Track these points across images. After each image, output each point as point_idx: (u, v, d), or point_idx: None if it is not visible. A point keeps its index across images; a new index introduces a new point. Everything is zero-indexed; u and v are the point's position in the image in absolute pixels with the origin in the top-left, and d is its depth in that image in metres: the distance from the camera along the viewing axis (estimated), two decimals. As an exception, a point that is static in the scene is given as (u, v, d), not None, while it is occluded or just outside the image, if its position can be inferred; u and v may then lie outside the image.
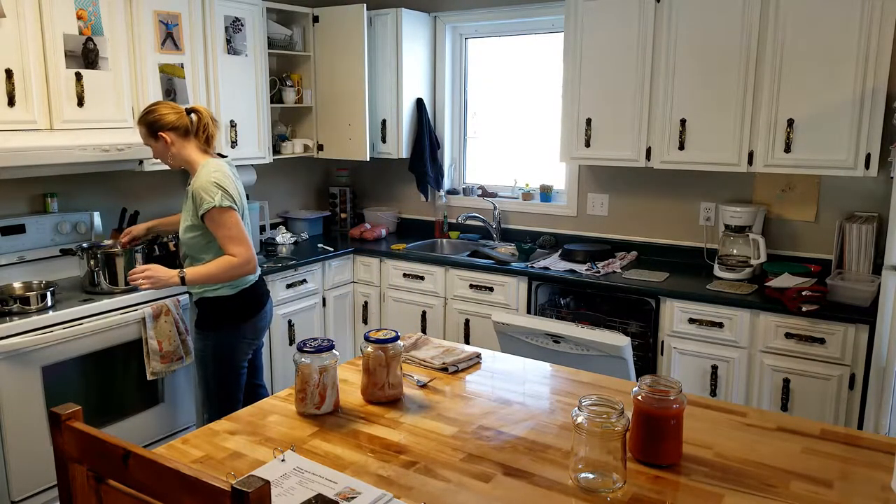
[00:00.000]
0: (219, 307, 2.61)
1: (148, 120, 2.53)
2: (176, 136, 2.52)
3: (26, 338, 2.56)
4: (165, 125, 2.51)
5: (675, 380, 1.51)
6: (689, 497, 1.39)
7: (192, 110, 2.57)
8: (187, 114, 2.56)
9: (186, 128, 2.54)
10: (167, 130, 2.51)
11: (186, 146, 2.55)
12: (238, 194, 2.54)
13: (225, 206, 2.43)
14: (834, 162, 2.92)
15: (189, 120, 2.55)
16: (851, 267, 3.03)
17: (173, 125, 2.51)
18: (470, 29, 4.23)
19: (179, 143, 2.54)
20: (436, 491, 1.41)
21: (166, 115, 2.51)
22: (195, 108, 2.58)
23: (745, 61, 3.03)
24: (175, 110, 2.54)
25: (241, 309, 2.64)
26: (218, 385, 2.67)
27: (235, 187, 2.53)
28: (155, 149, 2.57)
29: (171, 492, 1.07)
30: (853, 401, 2.76)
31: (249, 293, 2.64)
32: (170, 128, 2.51)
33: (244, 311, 2.64)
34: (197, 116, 2.56)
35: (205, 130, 2.57)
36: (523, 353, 2.63)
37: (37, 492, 2.65)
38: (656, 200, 3.69)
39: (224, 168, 2.55)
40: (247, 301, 2.64)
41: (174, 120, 2.51)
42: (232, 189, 2.49)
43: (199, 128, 2.56)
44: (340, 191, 4.56)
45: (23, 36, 2.69)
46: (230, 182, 2.50)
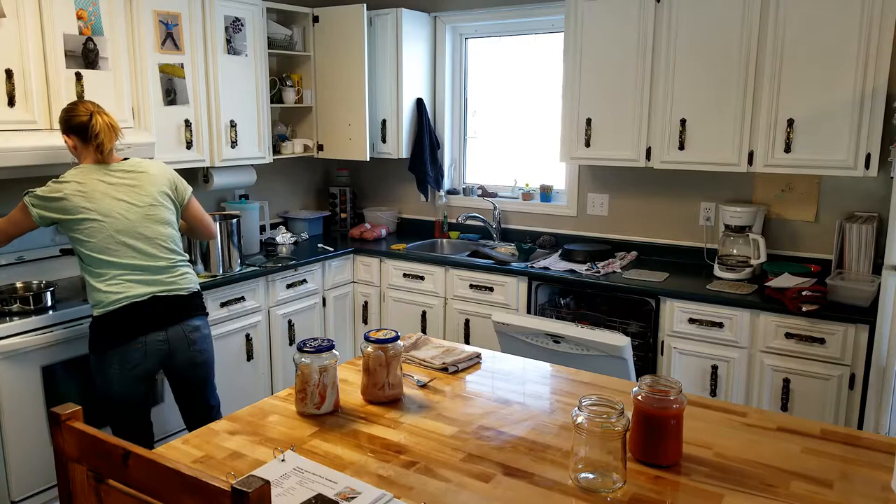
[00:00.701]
0: (90, 328, 2.44)
1: (60, 118, 2.47)
2: (78, 139, 2.43)
3: (26, 338, 2.56)
4: (69, 128, 2.43)
5: (675, 380, 1.51)
6: (689, 497, 1.39)
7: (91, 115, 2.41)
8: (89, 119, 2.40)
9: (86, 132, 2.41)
10: (70, 133, 2.43)
11: (84, 152, 2.44)
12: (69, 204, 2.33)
13: (24, 199, 2.37)
14: (834, 162, 2.92)
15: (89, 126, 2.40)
16: (851, 267, 3.03)
17: (75, 128, 2.41)
18: (470, 29, 4.23)
19: (80, 147, 2.44)
20: (436, 491, 1.41)
21: (74, 116, 2.41)
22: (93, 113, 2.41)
23: (745, 61, 3.03)
24: (86, 112, 2.41)
25: (103, 333, 2.38)
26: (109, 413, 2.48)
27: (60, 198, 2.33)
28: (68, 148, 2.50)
29: (171, 492, 1.07)
30: (853, 401, 2.76)
31: (114, 316, 2.36)
32: (72, 130, 2.42)
33: (103, 340, 2.39)
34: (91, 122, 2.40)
35: (96, 137, 2.40)
36: (523, 353, 2.63)
37: (37, 492, 2.65)
38: (656, 200, 3.69)
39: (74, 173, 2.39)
40: (109, 325, 2.37)
41: (77, 123, 2.41)
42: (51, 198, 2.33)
43: (90, 135, 2.40)
44: (340, 191, 4.56)
45: (23, 36, 2.69)
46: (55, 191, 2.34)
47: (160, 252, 2.46)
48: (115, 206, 2.39)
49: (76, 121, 2.41)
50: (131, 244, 2.40)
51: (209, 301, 3.22)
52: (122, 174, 2.45)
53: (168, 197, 2.54)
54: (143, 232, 2.43)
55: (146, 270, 2.42)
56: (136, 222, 2.42)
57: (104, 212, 2.37)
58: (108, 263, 2.37)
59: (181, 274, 2.52)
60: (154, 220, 2.47)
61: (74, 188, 2.36)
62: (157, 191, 2.50)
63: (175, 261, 2.51)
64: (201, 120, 3.45)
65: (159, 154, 3.19)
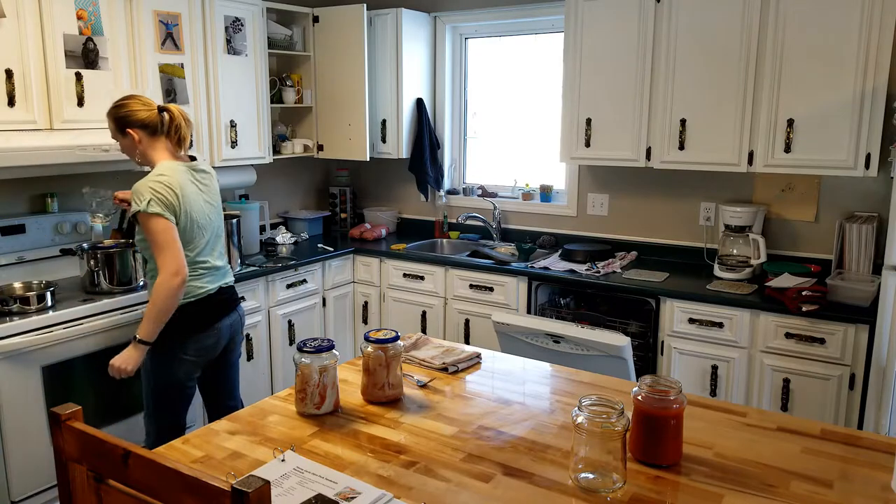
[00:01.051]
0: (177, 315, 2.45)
1: (118, 115, 2.39)
2: (145, 134, 2.39)
3: (26, 338, 2.56)
4: (134, 122, 2.37)
5: (675, 380, 1.51)
6: (689, 497, 1.39)
7: (164, 109, 2.42)
8: (159, 112, 2.41)
9: (156, 126, 2.39)
10: (136, 128, 2.37)
11: (154, 145, 2.41)
12: (181, 201, 2.34)
13: (151, 212, 2.26)
14: (834, 162, 2.92)
15: (160, 118, 2.40)
16: (851, 267, 3.03)
17: (143, 122, 2.37)
18: (470, 29, 4.23)
19: (147, 141, 2.40)
20: (436, 491, 1.41)
21: (137, 111, 2.38)
22: (168, 107, 2.43)
23: (745, 61, 3.03)
24: (147, 107, 2.40)
25: (183, 324, 2.42)
26: (156, 403, 2.51)
27: (178, 194, 2.33)
28: (122, 145, 2.44)
29: (171, 492, 1.07)
30: (853, 401, 2.76)
31: (194, 307, 2.44)
32: (139, 125, 2.37)
33: (186, 327, 2.43)
34: (169, 115, 2.41)
35: (177, 131, 2.43)
36: (523, 353, 2.63)
37: (37, 492, 2.65)
38: (656, 200, 3.69)
39: (174, 173, 2.36)
40: (190, 316, 2.43)
41: (144, 117, 2.38)
42: (170, 195, 2.30)
43: (170, 128, 2.41)
44: (340, 191, 4.56)
45: (23, 36, 2.69)
46: (170, 189, 2.31)
47: (222, 248, 2.61)
48: (205, 209, 2.47)
49: (143, 114, 2.38)
50: (213, 244, 2.52)
51: (209, 301, 3.23)
52: (203, 175, 2.51)
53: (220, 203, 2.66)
54: (219, 232, 2.57)
55: (219, 267, 2.55)
56: (217, 223, 2.55)
57: (200, 214, 2.44)
58: (199, 262, 2.46)
59: (229, 267, 2.68)
60: (223, 220, 2.62)
61: (182, 185, 2.36)
62: (218, 192, 2.61)
63: (227, 256, 2.70)
64: (201, 120, 3.45)
65: (159, 154, 3.19)
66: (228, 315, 2.59)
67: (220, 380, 2.70)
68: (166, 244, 2.29)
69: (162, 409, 2.52)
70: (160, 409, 2.52)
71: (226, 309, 2.58)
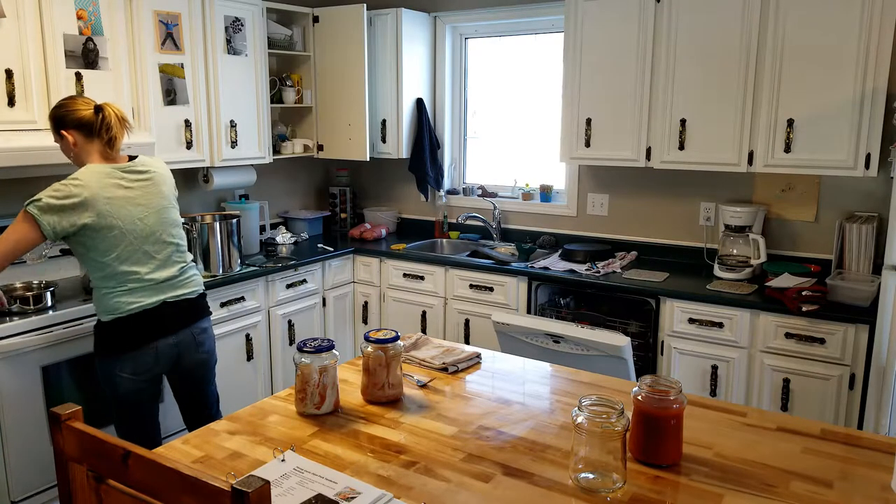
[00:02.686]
0: (97, 333, 2.35)
1: (56, 115, 2.27)
2: (80, 135, 2.25)
3: (26, 338, 2.56)
4: (70, 122, 2.24)
5: (675, 380, 1.51)
6: (689, 497, 1.39)
7: (100, 108, 2.27)
8: (95, 112, 2.26)
9: (91, 126, 2.24)
10: (71, 128, 2.24)
11: (88, 148, 2.27)
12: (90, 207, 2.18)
13: (28, 209, 2.13)
14: (834, 162, 2.92)
15: (95, 118, 2.25)
16: (851, 267, 3.03)
17: (79, 122, 2.24)
18: (470, 29, 4.23)
19: (82, 143, 2.26)
20: (436, 491, 1.41)
21: (75, 110, 2.24)
22: (103, 106, 2.27)
23: (745, 61, 3.03)
24: (86, 106, 2.25)
25: (111, 341, 2.31)
26: (116, 416, 2.43)
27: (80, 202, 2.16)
28: (60, 147, 2.31)
29: (171, 492, 1.07)
30: (853, 401, 2.76)
31: (122, 324, 2.28)
32: (74, 125, 2.24)
33: (114, 345, 2.31)
34: (102, 115, 2.25)
35: (107, 131, 2.26)
36: (523, 353, 2.63)
37: (37, 492, 2.65)
38: (656, 200, 3.69)
39: (90, 177, 2.21)
40: (117, 333, 2.29)
41: (80, 116, 2.24)
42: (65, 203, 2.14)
43: (101, 127, 2.25)
44: (340, 191, 4.56)
45: (23, 36, 2.69)
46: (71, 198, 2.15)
47: (173, 257, 2.40)
48: (134, 213, 2.28)
49: (78, 115, 2.24)
50: (149, 251, 2.32)
51: (210, 301, 3.22)
52: (136, 175, 2.32)
53: (174, 195, 2.48)
54: (160, 237, 2.35)
55: (159, 279, 2.35)
56: (154, 228, 2.33)
57: (126, 220, 2.26)
58: (125, 273, 2.27)
59: (189, 277, 2.46)
60: (168, 224, 2.39)
61: (95, 192, 2.19)
62: (167, 191, 2.42)
63: (184, 265, 2.45)
64: (201, 120, 3.45)
65: (159, 154, 3.19)
66: (174, 334, 2.38)
67: (191, 396, 2.59)
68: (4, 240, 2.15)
69: (121, 423, 2.44)
70: (120, 423, 2.44)
71: (168, 327, 2.36)
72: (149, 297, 2.32)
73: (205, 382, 2.61)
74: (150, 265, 2.32)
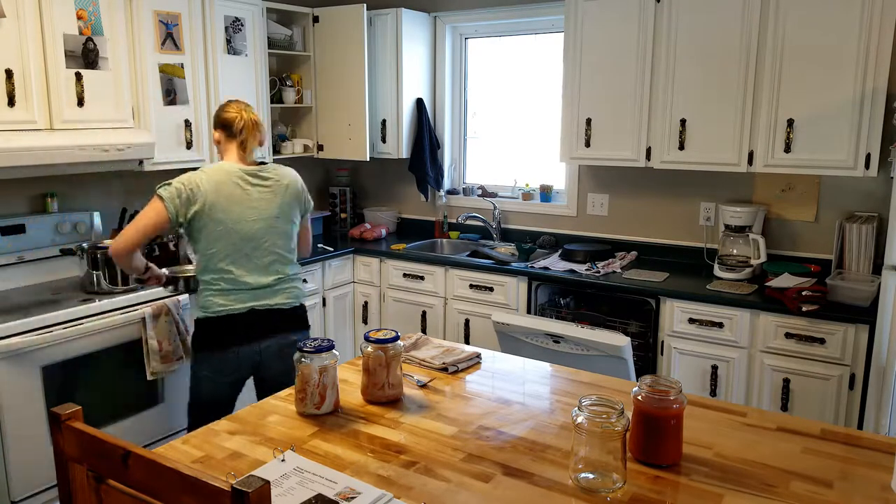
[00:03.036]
0: (195, 327, 2.44)
1: (215, 114, 2.51)
2: (224, 135, 2.46)
3: (26, 338, 2.56)
4: (216, 122, 2.47)
5: (675, 380, 1.51)
6: (689, 497, 1.39)
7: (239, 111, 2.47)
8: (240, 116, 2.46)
9: (232, 128, 2.44)
10: (217, 128, 2.47)
11: (228, 147, 2.46)
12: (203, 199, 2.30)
13: (158, 191, 2.29)
14: (834, 162, 2.92)
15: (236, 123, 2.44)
16: (851, 267, 3.03)
17: (223, 122, 2.45)
18: (470, 29, 4.23)
19: (225, 142, 2.47)
20: (436, 491, 1.41)
21: (224, 111, 2.46)
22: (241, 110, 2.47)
23: (745, 61, 3.03)
24: (236, 110, 2.45)
25: (196, 340, 2.43)
26: (190, 410, 2.49)
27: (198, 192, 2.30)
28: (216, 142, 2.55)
29: (171, 492, 1.07)
30: (853, 401, 2.76)
31: (210, 325, 2.37)
32: (220, 125, 2.46)
33: (198, 343, 2.42)
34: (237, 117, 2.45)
35: (240, 134, 2.44)
36: (523, 353, 2.63)
37: (37, 492, 2.65)
38: (656, 200, 3.70)
39: (214, 172, 2.36)
40: (203, 333, 2.40)
41: (225, 118, 2.45)
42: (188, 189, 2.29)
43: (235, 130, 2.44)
44: (340, 191, 4.56)
45: (23, 36, 2.69)
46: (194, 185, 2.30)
47: (273, 266, 2.43)
48: (245, 214, 2.35)
49: (224, 115, 2.44)
50: (250, 255, 2.37)
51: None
52: (258, 180, 2.41)
53: (296, 209, 2.51)
54: (263, 244, 2.40)
55: (253, 284, 2.38)
56: (260, 234, 2.39)
57: (235, 218, 2.34)
58: (222, 270, 2.35)
59: (285, 288, 2.46)
60: (275, 234, 2.43)
61: (213, 185, 2.32)
62: (286, 202, 2.46)
63: (283, 276, 2.46)
64: (201, 120, 3.45)
65: (159, 154, 3.19)
66: (258, 342, 2.40)
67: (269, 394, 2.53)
68: (138, 222, 2.29)
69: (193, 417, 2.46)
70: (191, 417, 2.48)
71: (252, 335, 2.39)
72: (238, 302, 2.37)
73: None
74: (246, 268, 2.38)
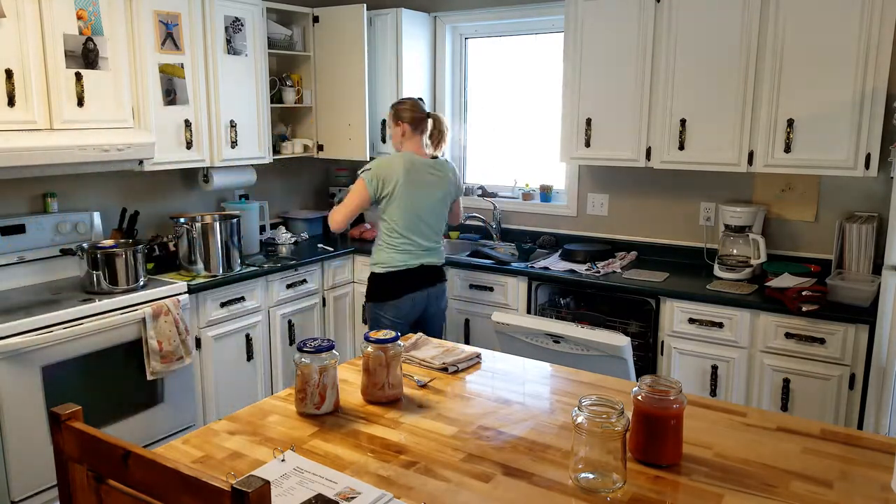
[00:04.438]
0: (371, 282, 3.14)
1: (395, 108, 3.18)
2: (409, 128, 3.13)
3: (26, 338, 2.56)
4: (406, 118, 3.13)
5: (675, 380, 1.51)
6: (689, 497, 1.39)
7: (430, 115, 3.18)
8: (427, 117, 3.17)
9: (418, 125, 3.14)
10: (405, 122, 3.13)
11: (412, 139, 3.15)
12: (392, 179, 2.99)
13: (361, 175, 3.04)
14: (834, 162, 2.92)
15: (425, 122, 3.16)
16: (851, 267, 3.03)
17: (417, 120, 3.14)
18: (470, 29, 4.23)
19: (409, 134, 3.14)
20: (436, 491, 1.41)
21: (419, 111, 3.15)
22: (434, 115, 3.19)
23: (745, 61, 3.03)
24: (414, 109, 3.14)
25: (381, 290, 3.09)
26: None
27: (391, 173, 3.00)
28: (392, 132, 3.20)
29: (171, 492, 1.07)
30: (853, 401, 2.76)
31: (392, 277, 3.07)
32: (408, 121, 3.13)
33: (383, 293, 3.08)
34: (434, 122, 3.18)
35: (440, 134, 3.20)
36: (523, 353, 2.63)
37: (37, 492, 2.65)
38: (656, 200, 3.69)
39: (402, 158, 3.06)
40: (387, 284, 3.07)
41: (409, 117, 3.13)
42: (384, 171, 3.01)
43: (432, 130, 3.17)
44: (340, 191, 4.55)
45: (23, 36, 2.69)
46: (388, 167, 3.02)
47: (434, 234, 3.18)
48: (424, 194, 3.09)
49: (420, 114, 3.16)
50: (423, 223, 3.11)
51: (208, 301, 3.23)
52: (434, 170, 3.15)
53: (450, 195, 3.25)
54: (431, 216, 3.14)
55: (422, 247, 3.12)
56: (431, 209, 3.13)
57: (417, 196, 3.07)
58: (403, 235, 3.08)
59: (440, 251, 3.24)
60: (438, 211, 3.18)
61: (406, 170, 3.03)
62: (447, 190, 3.20)
63: (439, 242, 3.24)
64: (201, 120, 3.45)
65: (159, 154, 3.19)
66: (427, 287, 3.15)
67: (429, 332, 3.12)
68: (349, 201, 3.08)
69: None
70: None
71: (423, 282, 3.14)
72: (414, 259, 3.11)
73: (438, 332, 3.32)
74: (420, 235, 3.12)
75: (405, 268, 3.09)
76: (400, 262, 3.08)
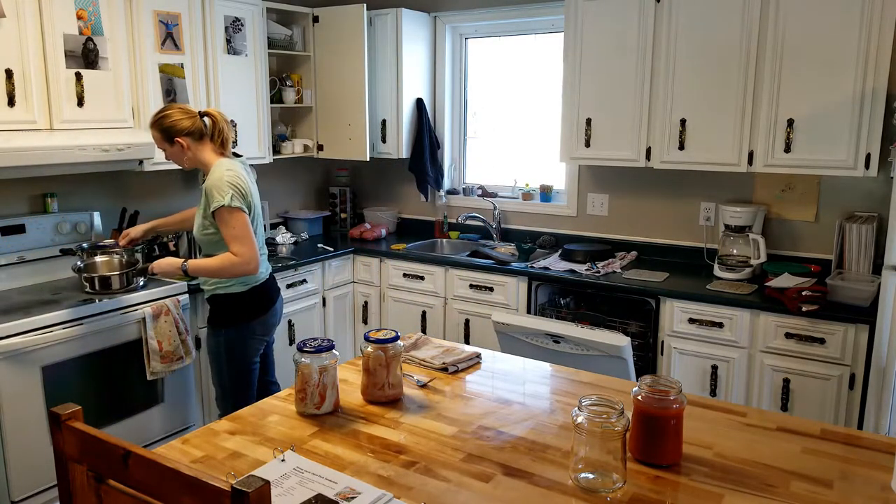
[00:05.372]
0: (230, 304, 2.65)
1: (163, 126, 2.54)
2: (191, 140, 2.55)
3: (26, 338, 2.56)
4: (181, 131, 2.53)
5: (675, 380, 1.51)
6: (689, 497, 1.39)
7: (205, 114, 2.59)
8: (200, 117, 2.58)
9: (201, 131, 2.57)
10: (183, 136, 2.54)
11: (202, 149, 2.58)
12: (249, 194, 2.56)
13: (234, 206, 2.45)
14: (834, 162, 2.92)
15: (203, 124, 2.57)
16: (851, 267, 3.03)
17: (188, 130, 2.54)
18: (470, 29, 4.23)
19: (195, 146, 2.57)
20: (436, 491, 1.41)
21: (180, 120, 2.53)
22: (208, 112, 2.60)
23: (745, 61, 3.03)
24: (188, 115, 2.55)
25: (251, 306, 2.67)
26: (231, 381, 2.72)
27: (246, 187, 2.54)
28: (169, 152, 2.60)
29: (171, 492, 1.07)
30: (853, 401, 2.76)
31: (260, 291, 2.69)
32: (185, 133, 2.54)
33: (254, 308, 2.68)
34: (211, 120, 2.59)
35: (220, 134, 2.61)
36: (523, 353, 2.63)
37: (37, 492, 2.65)
38: (656, 200, 3.69)
39: (237, 168, 2.57)
40: (257, 298, 2.68)
41: (189, 126, 2.54)
42: (244, 188, 2.52)
43: (213, 132, 2.59)
44: (340, 191, 4.56)
45: (23, 36, 2.69)
46: (242, 182, 2.52)
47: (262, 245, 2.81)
48: (258, 202, 2.67)
49: (187, 123, 2.54)
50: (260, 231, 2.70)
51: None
52: (251, 170, 2.76)
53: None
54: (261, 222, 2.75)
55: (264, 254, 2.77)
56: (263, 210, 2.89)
57: (257, 206, 2.65)
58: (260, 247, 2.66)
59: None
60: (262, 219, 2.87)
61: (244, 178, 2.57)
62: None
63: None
64: (201, 120, 3.44)
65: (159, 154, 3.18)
66: (280, 297, 2.84)
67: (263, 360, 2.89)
68: (245, 236, 2.49)
69: (239, 389, 2.72)
70: (238, 389, 2.72)
71: (277, 291, 2.83)
72: (266, 268, 2.76)
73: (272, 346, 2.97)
74: (261, 240, 2.71)
75: (268, 275, 2.77)
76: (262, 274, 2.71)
